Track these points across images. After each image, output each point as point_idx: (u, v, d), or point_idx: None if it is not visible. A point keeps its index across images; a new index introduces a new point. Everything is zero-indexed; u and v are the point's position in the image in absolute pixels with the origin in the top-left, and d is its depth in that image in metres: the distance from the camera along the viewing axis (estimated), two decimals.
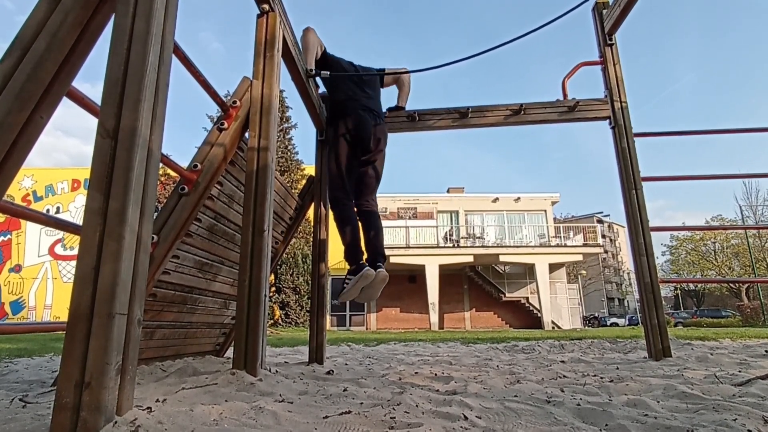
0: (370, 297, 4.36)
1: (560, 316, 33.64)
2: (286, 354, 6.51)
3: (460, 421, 1.94)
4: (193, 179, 3.13)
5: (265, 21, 3.64)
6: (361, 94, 4.72)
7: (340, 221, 4.39)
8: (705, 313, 41.92)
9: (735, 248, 50.63)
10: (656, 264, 4.85)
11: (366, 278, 4.16)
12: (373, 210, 4.59)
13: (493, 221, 36.03)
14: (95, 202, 1.71)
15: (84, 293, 1.63)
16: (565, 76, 5.65)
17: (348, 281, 4.24)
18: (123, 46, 1.87)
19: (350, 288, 4.21)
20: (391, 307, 34.35)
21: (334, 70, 4.69)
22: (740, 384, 2.83)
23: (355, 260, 4.27)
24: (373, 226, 4.48)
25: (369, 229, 4.47)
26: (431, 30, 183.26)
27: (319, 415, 2.04)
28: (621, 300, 69.82)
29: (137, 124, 1.79)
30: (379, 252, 4.39)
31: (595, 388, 2.82)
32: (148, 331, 3.61)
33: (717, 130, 6.16)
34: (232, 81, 15.60)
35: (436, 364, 4.68)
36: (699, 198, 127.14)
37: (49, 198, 34.32)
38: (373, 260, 4.33)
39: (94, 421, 1.52)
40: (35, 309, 32.38)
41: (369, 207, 4.58)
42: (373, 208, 4.61)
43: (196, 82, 3.12)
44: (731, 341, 7.71)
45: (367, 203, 4.59)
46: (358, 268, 4.20)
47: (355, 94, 4.68)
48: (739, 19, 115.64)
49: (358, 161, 4.53)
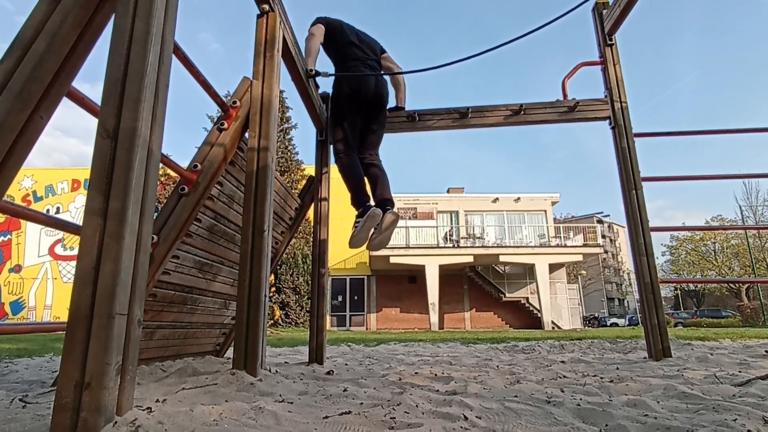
0: (382, 242, 4.41)
1: (560, 317, 33.60)
2: (286, 354, 6.51)
3: (460, 422, 1.94)
4: (193, 179, 3.13)
5: (265, 21, 3.64)
6: (363, 54, 4.82)
7: (344, 169, 4.48)
8: (705, 314, 41.89)
9: (735, 248, 50.59)
10: (656, 264, 4.85)
11: (373, 217, 4.24)
12: (377, 163, 4.68)
13: (493, 221, 35.97)
14: (95, 202, 1.71)
15: (84, 293, 1.63)
16: (565, 77, 5.65)
17: (357, 225, 4.31)
18: (123, 46, 1.88)
19: (359, 230, 4.29)
20: (391, 307, 34.30)
21: (336, 34, 4.82)
22: (740, 384, 2.83)
23: (361, 203, 4.35)
24: (378, 176, 4.59)
25: (374, 180, 4.57)
26: (431, 30, 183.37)
27: (319, 415, 2.04)
28: (621, 300, 69.81)
29: (137, 124, 1.79)
30: (386, 197, 4.48)
31: (595, 388, 2.82)
32: (148, 332, 3.61)
33: (717, 131, 6.16)
34: (231, 81, 15.55)
35: (436, 364, 4.68)
36: (699, 198, 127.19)
37: (49, 198, 34.31)
38: (382, 206, 4.40)
39: (94, 422, 1.52)
40: (35, 309, 32.37)
41: (372, 160, 4.68)
42: (376, 161, 4.70)
43: (196, 83, 3.12)
44: (731, 341, 7.71)
45: (371, 156, 4.69)
46: (365, 209, 4.28)
47: (357, 55, 4.78)
48: (740, 19, 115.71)
49: (361, 117, 4.64)
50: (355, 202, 4.38)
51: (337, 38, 4.82)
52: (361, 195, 4.38)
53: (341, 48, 4.80)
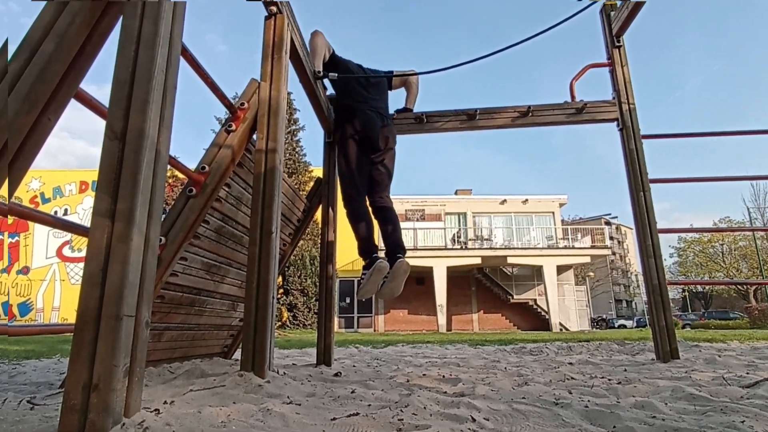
0: (393, 290, 4.30)
1: (568, 318, 33.54)
2: (294, 356, 6.52)
3: (468, 423, 1.94)
4: (201, 181, 3.14)
5: (273, 23, 3.64)
6: (369, 96, 4.74)
7: (352, 217, 4.43)
8: (713, 315, 41.75)
9: (743, 250, 50.45)
10: (664, 266, 4.83)
11: (380, 271, 4.18)
12: (388, 206, 4.61)
13: (500, 223, 35.94)
14: (103, 203, 1.71)
15: (92, 295, 1.63)
16: (573, 78, 5.63)
17: (363, 277, 4.27)
18: (131, 47, 1.88)
19: (366, 283, 4.24)
20: (399, 309, 34.28)
21: (342, 72, 4.70)
22: (748, 386, 2.81)
23: (368, 254, 4.30)
24: (389, 221, 4.51)
25: (385, 224, 4.51)
26: (439, 32, 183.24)
27: (327, 416, 2.04)
28: (629, 302, 69.77)
29: (145, 125, 1.79)
30: (397, 244, 4.39)
31: (603, 389, 2.81)
32: (155, 333, 3.62)
33: (725, 132, 6.12)
34: (238, 83, 15.60)
35: (443, 365, 4.67)
36: (706, 200, 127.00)
37: (56, 200, 34.43)
38: (393, 252, 4.34)
39: (102, 423, 1.52)
40: (43, 311, 32.48)
41: (383, 203, 4.60)
42: (387, 203, 4.62)
43: (203, 84, 3.12)
44: (739, 343, 7.67)
45: (381, 200, 4.61)
46: (371, 261, 4.22)
47: (363, 97, 4.71)
48: (750, 20, 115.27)
49: (368, 160, 4.56)
50: (362, 252, 4.35)
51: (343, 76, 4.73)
52: (368, 245, 4.35)
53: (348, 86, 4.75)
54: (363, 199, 4.51)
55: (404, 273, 4.28)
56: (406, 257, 4.31)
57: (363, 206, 4.49)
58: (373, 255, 4.27)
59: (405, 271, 4.28)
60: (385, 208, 4.58)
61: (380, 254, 4.32)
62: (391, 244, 4.40)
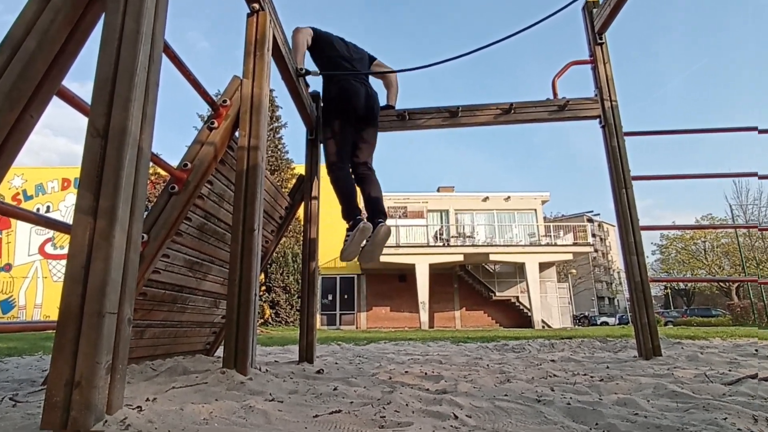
0: (373, 255, 4.42)
1: (550, 315, 33.65)
2: (276, 353, 6.51)
3: (450, 420, 1.95)
4: (183, 178, 3.13)
5: (256, 20, 3.64)
6: (352, 68, 4.83)
7: (335, 182, 4.48)
8: (695, 312, 42.15)
9: (725, 247, 50.73)
10: (646, 263, 4.87)
11: (363, 231, 4.26)
12: (370, 173, 4.69)
13: (483, 220, 35.99)
14: (85, 200, 1.71)
15: (74, 292, 1.63)
16: (555, 75, 5.66)
17: (347, 239, 4.32)
18: (113, 44, 1.87)
19: (349, 244, 4.29)
20: (381, 306, 34.28)
21: (325, 46, 4.84)
22: (730, 383, 2.85)
23: (351, 216, 4.36)
24: (370, 188, 4.59)
25: (367, 191, 4.59)
26: (421, 28, 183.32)
27: (309, 414, 2.05)
28: (611, 299, 70.07)
29: (127, 123, 1.79)
30: (378, 209, 4.49)
31: (585, 387, 2.83)
32: (138, 330, 3.61)
33: (706, 129, 6.20)
34: (220, 80, 15.55)
35: (426, 363, 4.68)
36: (688, 197, 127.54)
37: (39, 197, 34.13)
38: (373, 217, 4.43)
39: (84, 420, 1.52)
40: (25, 308, 32.21)
41: (365, 171, 4.68)
42: (370, 172, 4.70)
43: (186, 81, 3.12)
44: (721, 340, 7.75)
45: (364, 167, 4.69)
46: (355, 223, 4.28)
47: (346, 69, 4.79)
48: (730, 18, 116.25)
49: (352, 128, 4.64)
50: (346, 215, 4.39)
51: (327, 51, 4.84)
52: (351, 208, 4.39)
53: (332, 60, 4.81)
54: (346, 166, 4.60)
55: (385, 237, 4.40)
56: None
57: (347, 172, 4.57)
58: (357, 217, 4.34)
59: (386, 234, 4.39)
60: (367, 176, 4.66)
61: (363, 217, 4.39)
62: (372, 210, 4.50)
